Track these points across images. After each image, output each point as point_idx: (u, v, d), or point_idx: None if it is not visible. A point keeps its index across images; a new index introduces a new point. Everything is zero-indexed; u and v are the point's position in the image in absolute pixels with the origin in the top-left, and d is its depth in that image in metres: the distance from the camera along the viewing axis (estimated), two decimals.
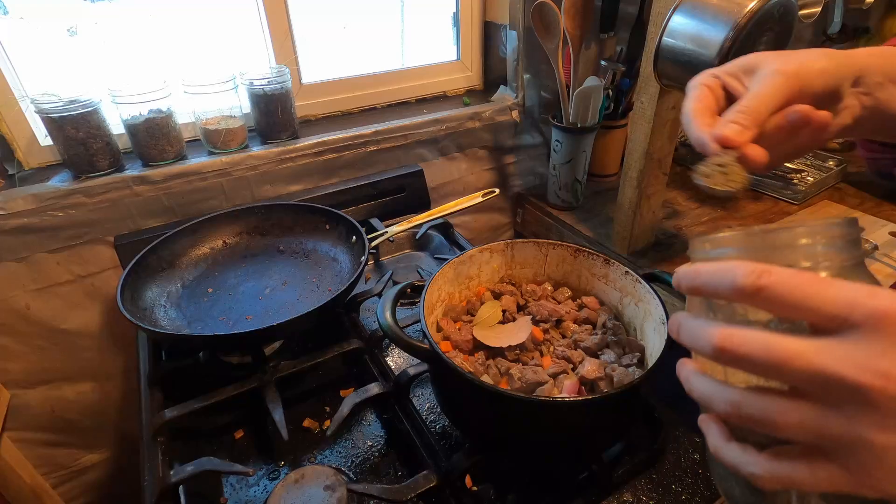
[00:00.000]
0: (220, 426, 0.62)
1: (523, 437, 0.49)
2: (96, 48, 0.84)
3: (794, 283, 0.24)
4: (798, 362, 0.23)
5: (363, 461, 0.58)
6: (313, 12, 0.97)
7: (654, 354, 0.49)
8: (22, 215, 0.75)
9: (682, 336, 0.29)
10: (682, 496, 0.54)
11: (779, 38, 0.65)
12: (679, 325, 0.29)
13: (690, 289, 0.29)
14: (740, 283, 0.25)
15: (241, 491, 0.55)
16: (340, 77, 1.04)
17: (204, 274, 0.78)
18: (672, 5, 0.67)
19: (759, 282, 0.25)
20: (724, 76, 0.40)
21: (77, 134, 0.77)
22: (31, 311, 0.83)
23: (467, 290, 0.63)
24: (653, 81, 0.74)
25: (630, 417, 0.53)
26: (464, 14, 1.10)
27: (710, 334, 0.26)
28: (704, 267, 0.28)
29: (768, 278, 0.25)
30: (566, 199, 1.08)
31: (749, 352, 0.25)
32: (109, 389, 0.96)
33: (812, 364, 0.23)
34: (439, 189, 1.11)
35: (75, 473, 1.01)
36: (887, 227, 0.93)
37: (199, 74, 0.84)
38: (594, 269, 0.62)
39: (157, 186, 0.83)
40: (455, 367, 0.46)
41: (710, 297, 0.29)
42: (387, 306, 0.51)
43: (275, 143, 0.91)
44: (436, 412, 0.63)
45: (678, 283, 0.30)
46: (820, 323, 0.24)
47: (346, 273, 0.76)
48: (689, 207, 1.06)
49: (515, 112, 1.10)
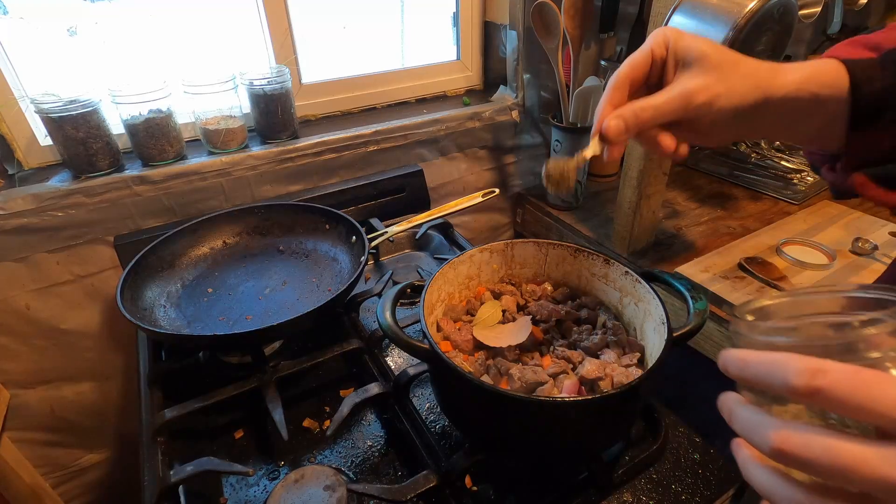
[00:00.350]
0: (220, 426, 0.62)
1: (523, 437, 0.49)
2: (96, 48, 0.84)
3: (854, 383, 0.22)
4: (863, 470, 0.22)
5: (363, 461, 0.58)
6: (313, 12, 0.97)
7: (654, 354, 0.49)
8: (22, 215, 0.75)
9: (736, 426, 0.27)
10: (682, 496, 0.54)
11: (779, 38, 0.65)
12: (731, 412, 0.27)
13: (739, 379, 0.27)
14: (793, 384, 0.23)
15: (241, 491, 0.55)
16: (340, 77, 1.04)
17: (204, 274, 0.78)
18: (672, 5, 0.67)
19: (814, 383, 0.22)
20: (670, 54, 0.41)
21: (77, 134, 0.77)
22: (30, 311, 0.83)
23: (467, 290, 0.63)
24: None
25: (630, 417, 0.53)
26: (464, 14, 1.10)
27: (768, 434, 0.24)
28: (753, 358, 0.25)
29: (824, 379, 0.22)
30: (566, 199, 1.08)
31: (810, 456, 0.23)
32: (109, 389, 0.96)
33: (877, 473, 0.21)
34: (439, 189, 1.11)
35: (75, 473, 1.01)
36: (887, 227, 0.93)
37: (199, 74, 0.84)
38: (594, 269, 0.62)
39: (156, 186, 0.83)
40: (455, 367, 0.46)
41: (762, 389, 0.27)
42: (387, 306, 0.51)
43: (275, 143, 0.91)
44: (436, 412, 0.63)
45: (725, 367, 0.27)
46: (884, 427, 0.22)
47: (346, 273, 0.76)
48: (689, 207, 1.06)
49: (515, 112, 1.10)
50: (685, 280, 0.55)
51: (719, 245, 0.90)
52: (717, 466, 0.56)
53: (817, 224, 0.95)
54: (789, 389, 0.23)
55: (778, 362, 0.24)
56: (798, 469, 0.24)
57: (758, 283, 0.79)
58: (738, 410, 0.27)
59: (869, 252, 0.85)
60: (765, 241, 0.90)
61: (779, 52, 0.67)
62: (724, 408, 0.28)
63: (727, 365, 0.27)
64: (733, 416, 0.27)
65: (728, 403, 0.28)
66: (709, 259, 0.86)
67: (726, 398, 0.28)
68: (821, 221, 0.96)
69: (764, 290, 0.78)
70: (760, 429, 0.25)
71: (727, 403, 0.28)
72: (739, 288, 0.79)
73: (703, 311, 0.51)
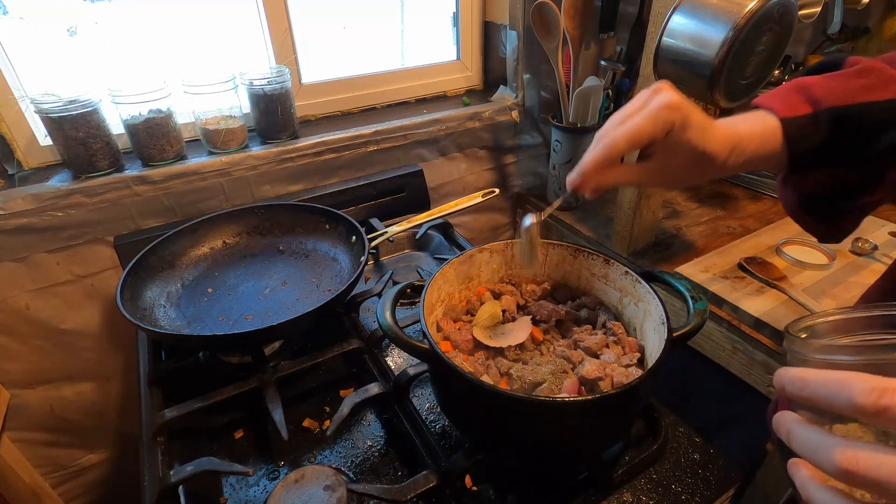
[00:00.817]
0: (220, 426, 0.62)
1: (523, 437, 0.49)
2: (96, 48, 0.84)
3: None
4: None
5: (363, 461, 0.58)
6: (313, 12, 0.97)
7: (654, 354, 0.49)
8: (22, 215, 0.75)
9: (797, 446, 0.26)
10: (682, 496, 0.54)
11: (779, 38, 0.65)
12: (790, 432, 0.27)
13: (799, 398, 0.26)
14: (860, 402, 0.23)
15: (241, 491, 0.55)
16: (340, 77, 1.04)
17: (204, 274, 0.78)
18: (672, 5, 0.67)
19: (882, 402, 0.22)
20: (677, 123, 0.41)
21: (77, 134, 0.77)
22: (30, 311, 0.83)
23: (467, 290, 0.63)
24: (653, 81, 0.74)
25: (630, 417, 0.53)
26: (464, 14, 1.10)
27: (833, 454, 0.24)
28: (813, 377, 0.25)
29: (892, 398, 0.22)
30: (566, 199, 1.08)
31: (880, 477, 0.22)
32: (109, 389, 0.96)
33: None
34: (439, 189, 1.11)
35: (75, 473, 1.01)
36: (887, 226, 0.93)
37: (199, 74, 0.84)
38: (594, 268, 0.62)
39: (156, 186, 0.83)
40: (455, 367, 0.46)
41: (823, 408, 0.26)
42: (387, 306, 0.51)
43: (274, 143, 0.91)
44: (436, 412, 0.63)
45: (781, 386, 0.27)
46: None
47: (345, 273, 0.76)
48: (689, 207, 1.06)
49: (515, 112, 1.10)
50: (685, 280, 0.55)
51: (719, 245, 0.90)
52: (717, 466, 0.56)
53: None
54: (855, 408, 0.23)
55: (842, 381, 0.24)
56: (866, 489, 0.24)
57: (758, 283, 0.79)
58: (799, 430, 0.26)
59: (869, 252, 0.85)
60: (765, 241, 0.90)
61: (779, 52, 0.67)
62: (782, 427, 0.28)
63: (784, 384, 0.27)
64: (792, 435, 0.27)
65: (786, 423, 0.27)
66: (709, 259, 0.86)
67: (783, 418, 0.28)
68: None
69: (764, 290, 0.78)
70: (824, 449, 0.24)
71: (785, 423, 0.27)
72: (739, 288, 0.79)
73: (703, 311, 0.51)
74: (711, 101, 0.69)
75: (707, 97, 0.69)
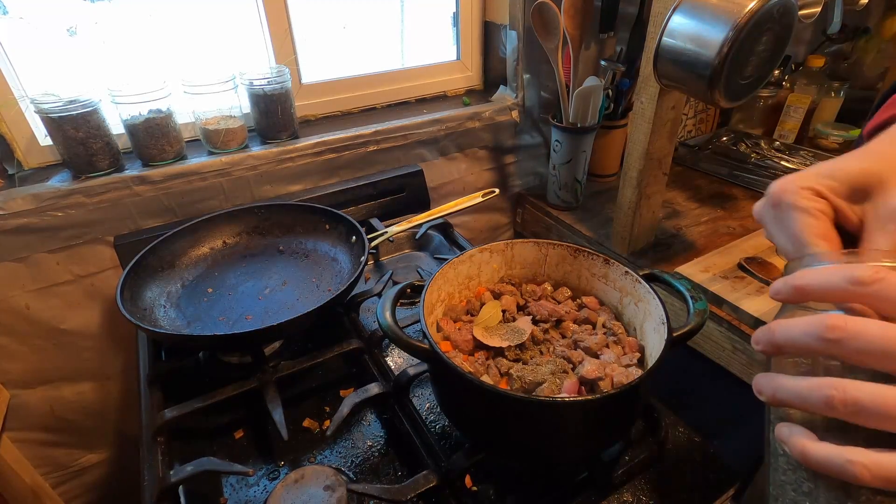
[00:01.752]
0: (220, 426, 0.62)
1: (523, 437, 0.49)
2: (96, 48, 0.84)
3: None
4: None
5: (363, 461, 0.58)
6: (313, 12, 0.97)
7: (654, 354, 0.49)
8: (22, 215, 0.75)
9: (781, 333, 0.27)
10: (682, 496, 0.54)
11: (779, 38, 0.65)
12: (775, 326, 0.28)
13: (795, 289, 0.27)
14: (858, 274, 0.24)
15: (241, 491, 0.55)
16: (340, 77, 1.04)
17: (204, 274, 0.78)
18: (672, 5, 0.67)
19: (879, 275, 0.24)
20: (833, 198, 0.32)
21: (77, 134, 0.77)
22: (30, 311, 0.83)
23: (467, 290, 0.63)
24: (653, 81, 0.74)
25: (630, 417, 0.53)
26: (464, 14, 1.10)
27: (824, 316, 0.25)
28: (812, 274, 0.26)
29: (888, 273, 0.24)
30: (566, 199, 1.08)
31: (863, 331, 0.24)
32: (109, 389, 0.96)
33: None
34: (439, 189, 1.11)
35: (75, 473, 1.01)
36: None
37: (199, 74, 0.84)
38: (594, 269, 0.62)
39: (156, 186, 0.83)
40: (455, 367, 0.46)
41: (817, 298, 0.27)
42: (387, 306, 0.51)
43: (274, 143, 0.91)
44: (436, 412, 0.63)
45: (777, 290, 0.28)
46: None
47: (345, 273, 0.76)
48: (689, 207, 1.06)
49: (515, 112, 1.10)
50: (685, 280, 0.55)
51: (719, 245, 0.90)
52: (717, 466, 0.56)
53: None
54: (854, 280, 0.24)
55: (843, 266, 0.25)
56: (849, 355, 0.25)
57: (758, 283, 0.79)
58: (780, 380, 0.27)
59: None
60: (765, 241, 0.90)
61: (779, 52, 0.67)
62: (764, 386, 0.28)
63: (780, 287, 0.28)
64: (779, 387, 0.27)
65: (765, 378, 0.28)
66: (709, 259, 0.86)
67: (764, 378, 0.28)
68: None
69: (764, 290, 0.78)
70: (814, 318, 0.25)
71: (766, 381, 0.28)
72: (739, 288, 0.79)
73: (703, 311, 0.51)
74: (711, 100, 0.69)
75: (707, 97, 0.69)
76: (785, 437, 0.28)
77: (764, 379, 0.28)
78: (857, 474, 0.24)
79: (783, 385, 0.27)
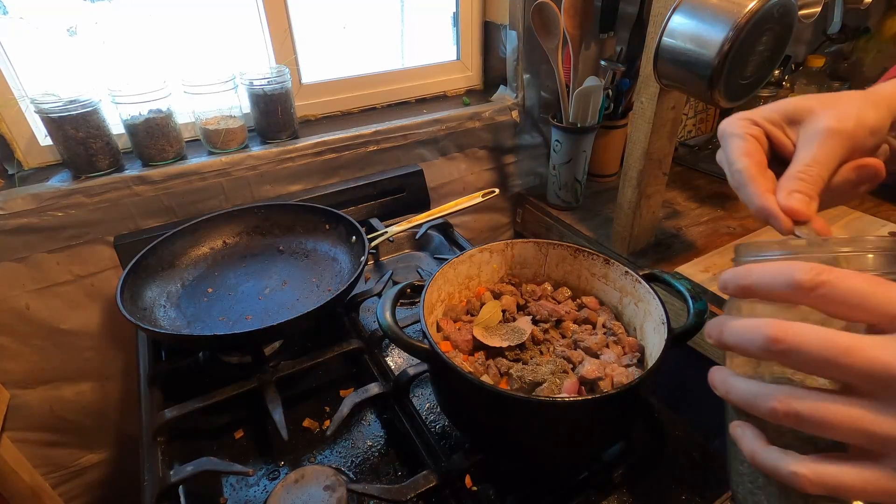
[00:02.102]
0: (220, 426, 0.62)
1: (523, 437, 0.49)
2: (96, 48, 0.84)
3: (853, 282, 0.24)
4: (855, 356, 0.23)
5: (363, 461, 0.58)
6: (313, 12, 0.97)
7: (654, 354, 0.49)
8: (22, 215, 0.75)
9: (727, 336, 0.28)
10: (682, 496, 0.54)
11: (779, 38, 0.65)
12: (723, 325, 0.28)
13: (741, 287, 0.27)
14: (798, 279, 0.24)
15: (241, 491, 0.55)
16: (340, 77, 1.04)
17: (204, 274, 0.78)
18: (672, 5, 0.67)
19: (819, 278, 0.24)
20: (767, 125, 0.36)
21: (77, 134, 0.77)
22: (30, 311, 0.83)
23: (467, 290, 0.63)
24: (653, 81, 0.74)
25: (630, 417, 0.53)
26: (464, 14, 1.10)
27: (763, 327, 0.25)
28: (758, 265, 0.27)
29: (829, 275, 0.24)
30: (566, 199, 1.08)
31: (804, 343, 0.24)
32: (109, 389, 0.96)
33: (869, 358, 0.22)
34: (439, 189, 1.11)
35: (75, 473, 1.01)
36: (887, 226, 0.93)
37: (199, 74, 0.84)
38: (594, 269, 0.62)
39: (156, 186, 0.83)
40: (455, 367, 0.46)
41: (762, 297, 0.28)
42: (387, 306, 0.51)
43: (275, 143, 0.91)
44: (436, 412, 0.63)
45: (725, 283, 0.28)
46: (879, 323, 0.24)
47: (346, 273, 0.76)
48: (689, 207, 1.06)
49: (515, 112, 1.10)
50: (685, 280, 0.55)
51: (719, 245, 0.90)
52: (717, 466, 0.56)
53: None
54: (795, 285, 0.25)
55: (783, 263, 0.26)
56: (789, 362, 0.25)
57: None
58: (730, 321, 0.28)
59: None
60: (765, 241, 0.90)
61: (779, 52, 0.67)
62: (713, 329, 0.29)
63: (727, 281, 0.28)
64: (725, 328, 0.28)
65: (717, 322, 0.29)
66: (709, 259, 0.86)
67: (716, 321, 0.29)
68: None
69: None
70: (755, 326, 0.26)
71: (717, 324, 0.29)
72: None
73: (703, 311, 0.51)
74: (711, 101, 0.69)
75: (707, 97, 0.69)
76: (737, 437, 0.29)
77: (718, 375, 0.30)
78: (800, 484, 0.25)
79: (734, 387, 0.28)
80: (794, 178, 0.33)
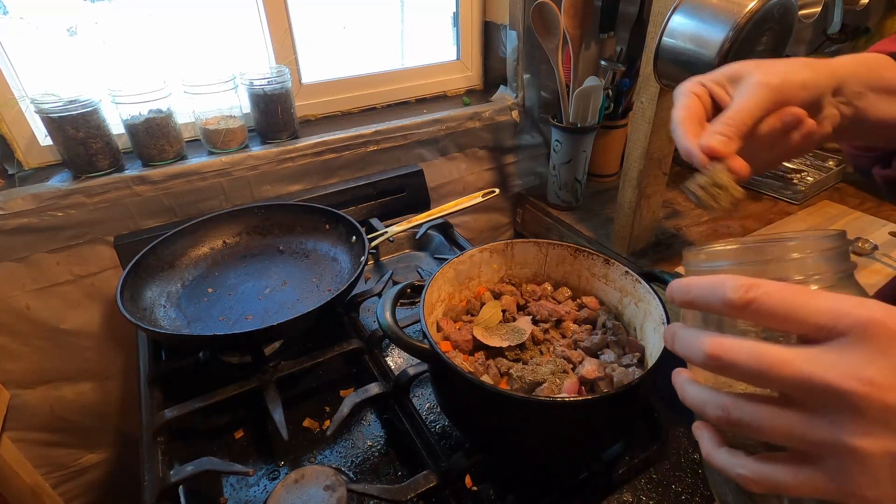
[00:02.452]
0: (220, 426, 0.62)
1: (523, 437, 0.49)
2: (96, 48, 0.84)
3: (781, 295, 0.25)
4: (785, 369, 0.24)
5: (363, 461, 0.58)
6: (313, 12, 0.97)
7: (654, 354, 0.49)
8: (22, 215, 0.75)
9: (677, 346, 0.29)
10: (682, 496, 0.54)
11: (779, 38, 0.65)
12: (674, 334, 0.30)
13: (683, 303, 0.29)
14: (729, 297, 0.26)
15: (241, 491, 0.55)
16: (340, 77, 1.04)
17: (204, 274, 0.78)
18: (672, 5, 0.67)
19: (748, 295, 0.25)
20: (710, 84, 0.41)
21: (77, 134, 0.77)
22: (30, 311, 0.83)
23: (467, 290, 0.63)
24: (653, 81, 0.74)
25: (630, 417, 0.53)
26: (464, 14, 1.10)
27: (702, 343, 0.27)
28: (696, 281, 0.28)
29: (756, 291, 0.25)
30: (566, 199, 1.08)
31: (737, 359, 0.25)
32: (109, 389, 0.96)
33: (798, 371, 0.24)
34: (439, 189, 1.11)
35: (75, 473, 1.01)
36: (887, 226, 0.93)
37: (199, 74, 0.84)
38: (594, 269, 0.62)
39: (156, 186, 0.83)
40: (455, 367, 0.46)
41: (702, 311, 0.30)
42: (387, 306, 0.51)
43: (275, 143, 0.91)
44: (436, 412, 0.63)
45: (671, 296, 0.30)
46: (808, 333, 0.25)
47: (346, 273, 0.76)
48: (689, 207, 1.06)
49: (515, 112, 1.10)
50: None
51: None
52: None
53: (817, 224, 0.95)
54: (726, 303, 0.26)
55: (717, 281, 0.27)
56: (727, 375, 0.27)
57: None
58: (679, 331, 0.29)
59: (869, 252, 0.85)
60: None
61: (779, 52, 0.67)
62: (668, 335, 0.31)
63: (673, 294, 0.30)
64: (675, 337, 0.29)
65: (671, 330, 0.30)
66: None
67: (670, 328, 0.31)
68: (821, 221, 0.96)
69: None
70: (696, 341, 0.27)
71: (670, 330, 0.30)
72: None
73: None
74: None
75: None
76: (697, 438, 0.31)
77: (678, 379, 0.31)
78: (744, 484, 0.27)
79: (688, 393, 0.30)
80: (719, 122, 0.37)
